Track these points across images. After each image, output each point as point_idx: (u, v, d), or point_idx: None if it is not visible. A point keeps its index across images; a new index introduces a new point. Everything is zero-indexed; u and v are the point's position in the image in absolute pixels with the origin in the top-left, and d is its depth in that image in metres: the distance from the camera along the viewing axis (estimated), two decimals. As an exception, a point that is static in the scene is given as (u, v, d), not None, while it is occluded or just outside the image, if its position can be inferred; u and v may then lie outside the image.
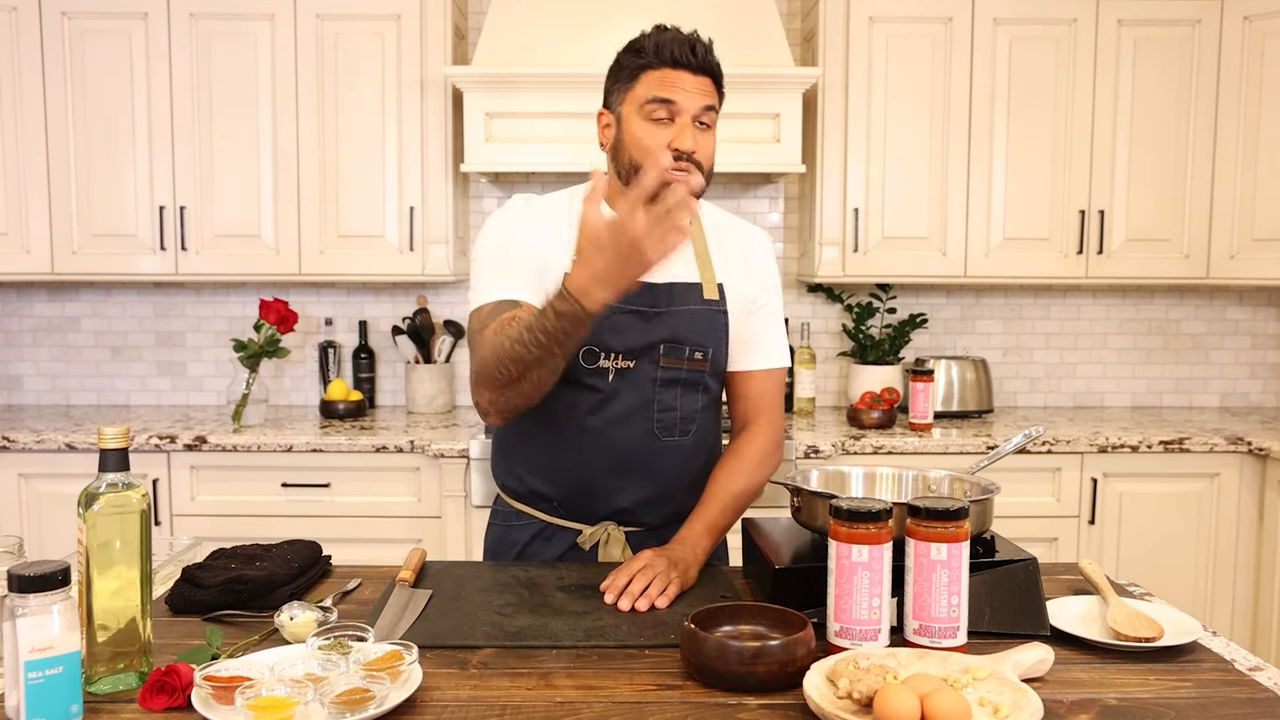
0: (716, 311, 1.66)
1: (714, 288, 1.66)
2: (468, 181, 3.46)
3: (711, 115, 1.57)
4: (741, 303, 1.69)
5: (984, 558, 1.37)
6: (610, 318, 1.59)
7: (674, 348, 1.62)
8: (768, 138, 2.99)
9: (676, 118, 1.54)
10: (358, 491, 2.94)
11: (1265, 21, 3.11)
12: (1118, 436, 2.99)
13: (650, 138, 1.54)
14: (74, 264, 3.16)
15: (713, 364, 1.66)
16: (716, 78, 1.59)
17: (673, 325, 1.62)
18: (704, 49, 1.57)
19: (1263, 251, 3.17)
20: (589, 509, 1.68)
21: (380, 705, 1.06)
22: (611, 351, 1.61)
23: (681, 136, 1.52)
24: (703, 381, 1.66)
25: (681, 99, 1.54)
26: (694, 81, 1.55)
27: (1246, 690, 1.17)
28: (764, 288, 1.72)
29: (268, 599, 1.42)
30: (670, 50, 1.54)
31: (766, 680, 1.14)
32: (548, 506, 1.71)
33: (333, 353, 3.48)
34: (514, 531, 1.74)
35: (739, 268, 1.70)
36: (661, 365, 1.63)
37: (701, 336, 1.64)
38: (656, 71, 1.55)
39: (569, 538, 1.70)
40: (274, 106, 3.12)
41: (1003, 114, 3.17)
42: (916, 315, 3.44)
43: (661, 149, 1.50)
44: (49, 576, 1.03)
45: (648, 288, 1.60)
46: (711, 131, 1.58)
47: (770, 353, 1.74)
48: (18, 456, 2.94)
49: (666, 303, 1.63)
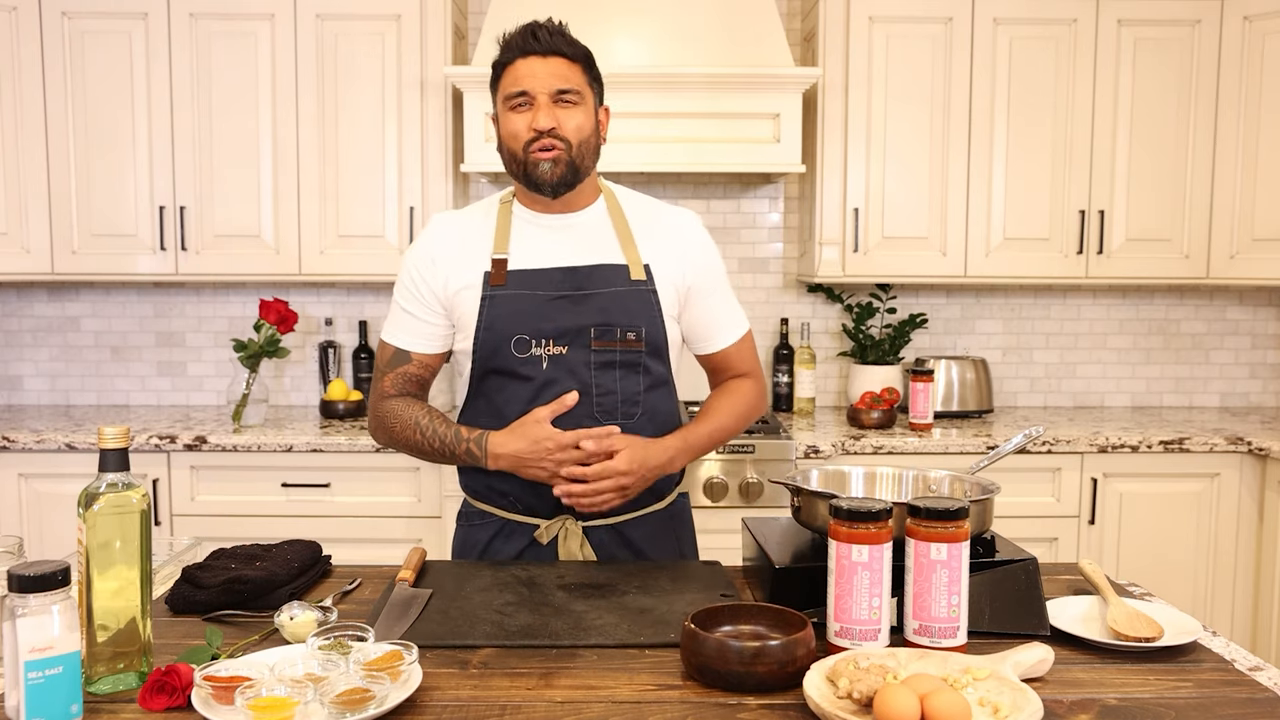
0: (646, 291, 1.69)
1: (640, 268, 1.69)
2: (468, 181, 3.46)
3: (572, 94, 1.64)
4: (675, 287, 1.72)
5: (984, 558, 1.37)
6: (539, 306, 1.65)
7: (605, 329, 1.66)
8: (767, 138, 2.99)
9: (533, 102, 1.63)
10: (358, 491, 2.94)
11: (1265, 21, 3.11)
12: (1118, 436, 2.99)
13: (515, 124, 1.64)
14: (74, 264, 3.16)
15: (649, 343, 1.68)
16: (571, 56, 1.65)
17: (602, 307, 1.66)
18: (548, 32, 1.64)
19: (1263, 251, 3.16)
20: (543, 501, 1.69)
21: (380, 705, 1.06)
22: (542, 338, 1.65)
23: (538, 117, 1.62)
24: (640, 362, 1.68)
25: (531, 85, 1.62)
26: (542, 65, 1.63)
27: (1246, 690, 1.17)
28: (702, 271, 1.75)
29: (268, 599, 1.42)
30: (516, 42, 1.65)
31: (766, 680, 1.14)
32: (504, 502, 1.73)
33: (333, 353, 3.48)
34: (475, 531, 1.77)
35: (666, 252, 1.72)
36: (594, 349, 1.66)
37: (632, 317, 1.67)
38: (511, 66, 1.65)
39: (528, 533, 1.72)
40: (274, 106, 3.12)
41: (1003, 114, 3.17)
42: (916, 315, 3.44)
43: (525, 131, 1.62)
44: (49, 576, 1.03)
45: (571, 271, 1.67)
46: (577, 107, 1.64)
47: (730, 328, 1.80)
48: (18, 456, 2.94)
49: (592, 285, 1.66)
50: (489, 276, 1.67)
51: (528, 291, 1.65)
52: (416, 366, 1.74)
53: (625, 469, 1.60)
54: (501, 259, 1.67)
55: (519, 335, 1.65)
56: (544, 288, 1.66)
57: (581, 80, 1.65)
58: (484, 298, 1.66)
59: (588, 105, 1.66)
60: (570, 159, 1.63)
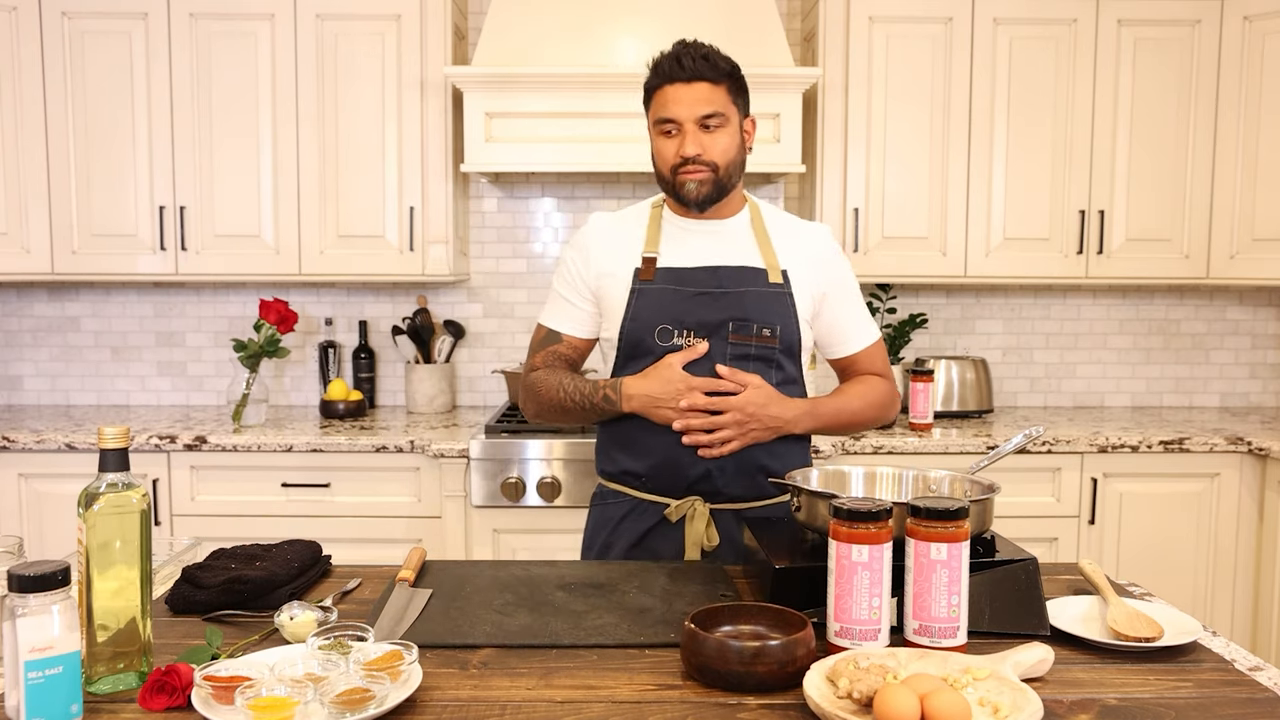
0: (782, 293, 1.78)
1: (778, 272, 1.79)
2: (468, 181, 3.46)
3: (717, 118, 1.73)
4: (810, 292, 1.81)
5: (984, 558, 1.37)
6: (681, 300, 1.76)
7: (742, 324, 1.75)
8: (768, 138, 2.99)
9: (681, 127, 1.72)
10: (358, 491, 2.94)
11: (1265, 21, 3.11)
12: (1118, 436, 2.99)
13: (664, 150, 1.75)
14: (74, 264, 3.16)
15: (782, 341, 1.77)
16: (714, 80, 1.71)
17: (740, 304, 1.75)
18: (690, 58, 1.71)
19: (1263, 251, 3.16)
20: (673, 483, 1.78)
21: (380, 705, 1.06)
22: (684, 328, 1.75)
23: (681, 146, 1.72)
24: (774, 358, 1.77)
25: (676, 112, 1.72)
26: (687, 91, 1.71)
27: (1246, 690, 1.17)
28: (834, 279, 1.84)
29: (268, 599, 1.42)
30: (663, 68, 1.73)
31: (766, 680, 1.14)
32: (637, 483, 1.82)
33: (333, 353, 3.48)
34: (609, 509, 1.86)
35: (803, 261, 1.82)
36: (731, 341, 1.75)
37: (768, 315, 1.76)
38: (659, 91, 1.75)
39: (657, 512, 1.79)
40: (274, 106, 3.12)
41: (1003, 114, 3.17)
42: (916, 315, 3.44)
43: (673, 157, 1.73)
44: (49, 576, 1.03)
45: (713, 271, 1.78)
46: (722, 130, 1.73)
47: (861, 335, 1.89)
48: (18, 456, 2.94)
49: (733, 284, 1.76)
50: (639, 272, 1.78)
51: (673, 287, 1.76)
52: (566, 347, 1.86)
53: (746, 406, 1.68)
54: (651, 257, 1.79)
55: (662, 325, 1.75)
56: (688, 284, 1.76)
57: (725, 101, 1.73)
58: (633, 290, 1.78)
59: (733, 125, 1.75)
60: (717, 179, 1.74)
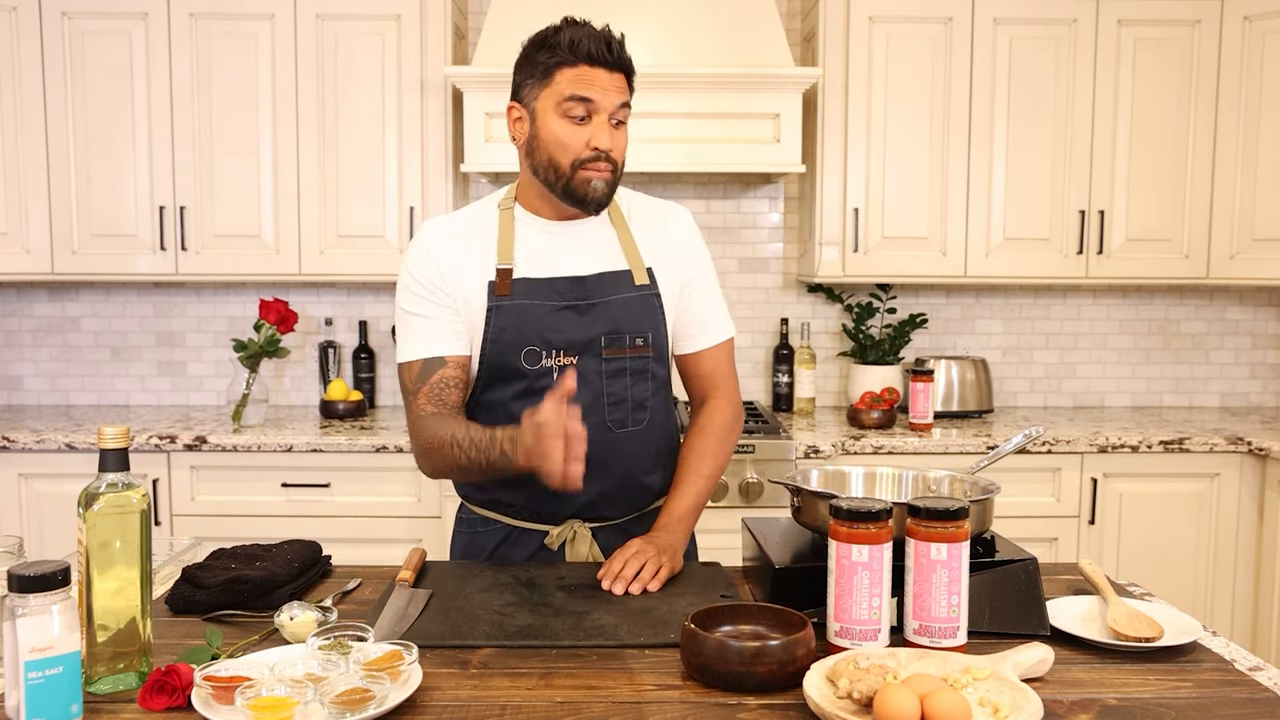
0: (650, 295, 1.68)
1: (643, 273, 1.68)
2: (468, 181, 3.46)
3: (625, 112, 1.60)
4: (674, 285, 1.71)
5: (984, 558, 1.37)
6: (546, 317, 1.61)
7: (615, 338, 1.64)
8: (768, 138, 2.99)
9: (594, 116, 1.57)
10: (358, 491, 2.94)
11: (1265, 21, 3.11)
12: (1118, 436, 2.99)
13: (570, 137, 1.56)
14: (74, 264, 3.16)
15: (654, 349, 1.68)
16: (629, 74, 1.61)
17: (610, 315, 1.64)
18: (619, 46, 1.59)
19: (1263, 251, 3.16)
20: (552, 509, 1.68)
21: (380, 705, 1.06)
22: (553, 349, 1.62)
23: (599, 135, 1.56)
24: (648, 368, 1.68)
25: (599, 97, 1.56)
26: (610, 79, 1.57)
27: (1246, 690, 1.17)
28: (696, 266, 1.74)
29: (268, 599, 1.42)
30: (587, 47, 1.55)
31: (766, 680, 1.14)
32: (511, 510, 1.71)
33: (333, 353, 3.48)
34: (480, 538, 1.75)
35: (665, 250, 1.71)
36: (605, 357, 1.64)
37: (639, 323, 1.66)
38: (573, 69, 1.56)
39: (536, 539, 1.71)
40: (274, 106, 3.12)
41: (1003, 114, 3.17)
42: (916, 315, 3.44)
43: (582, 148, 1.56)
44: (49, 576, 1.03)
45: (577, 281, 1.64)
46: (625, 128, 1.62)
47: (715, 328, 1.77)
48: (18, 456, 2.94)
49: (599, 293, 1.64)
50: (494, 286, 1.61)
51: (535, 302, 1.61)
52: (453, 368, 1.62)
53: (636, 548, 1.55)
54: (507, 268, 1.62)
55: (529, 347, 1.61)
56: (551, 298, 1.62)
57: (629, 99, 1.62)
58: (490, 307, 1.61)
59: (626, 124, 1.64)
60: (616, 180, 1.62)
